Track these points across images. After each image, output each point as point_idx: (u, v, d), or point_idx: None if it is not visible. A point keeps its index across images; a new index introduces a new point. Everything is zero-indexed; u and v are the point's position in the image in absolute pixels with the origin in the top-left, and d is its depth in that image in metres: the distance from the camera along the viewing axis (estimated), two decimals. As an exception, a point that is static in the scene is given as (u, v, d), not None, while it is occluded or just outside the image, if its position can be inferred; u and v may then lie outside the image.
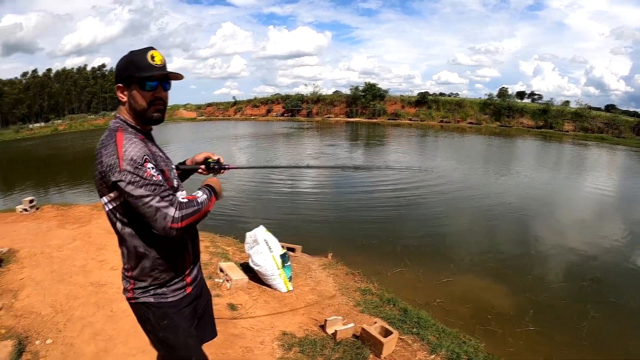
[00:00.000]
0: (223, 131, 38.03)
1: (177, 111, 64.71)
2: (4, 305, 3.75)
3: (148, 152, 1.48)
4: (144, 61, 1.49)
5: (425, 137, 32.01)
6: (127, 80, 1.51)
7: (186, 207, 1.45)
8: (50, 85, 68.62)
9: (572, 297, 5.60)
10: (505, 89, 49.35)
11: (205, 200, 1.55)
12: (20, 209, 7.45)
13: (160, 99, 1.56)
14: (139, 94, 1.52)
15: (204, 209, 1.53)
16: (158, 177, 1.44)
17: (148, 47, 1.53)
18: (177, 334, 1.66)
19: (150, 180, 1.41)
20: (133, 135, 1.50)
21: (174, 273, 1.65)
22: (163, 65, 1.53)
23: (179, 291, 1.67)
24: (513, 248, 7.51)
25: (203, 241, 6.04)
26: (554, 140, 31.53)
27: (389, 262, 6.42)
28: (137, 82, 1.50)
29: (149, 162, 1.44)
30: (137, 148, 1.44)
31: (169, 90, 1.60)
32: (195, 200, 1.51)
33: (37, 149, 31.55)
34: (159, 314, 1.63)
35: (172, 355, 1.70)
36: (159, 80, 1.53)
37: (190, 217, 1.45)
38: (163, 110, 1.59)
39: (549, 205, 10.93)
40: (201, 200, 1.54)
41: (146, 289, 1.62)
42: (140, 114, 1.55)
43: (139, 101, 1.52)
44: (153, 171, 1.43)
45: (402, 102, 52.11)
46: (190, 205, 1.48)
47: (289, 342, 3.44)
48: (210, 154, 1.92)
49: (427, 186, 12.40)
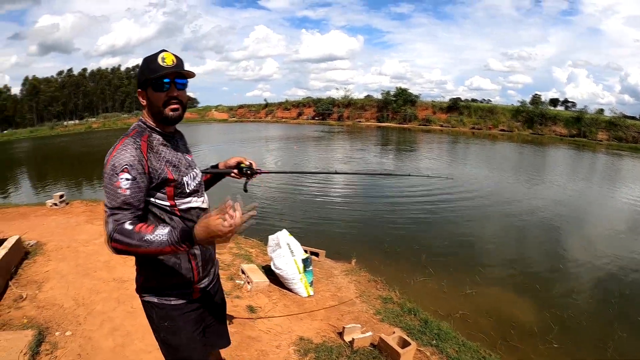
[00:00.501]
0: (254, 133, 38.40)
1: (209, 112, 66.15)
2: (27, 295, 3.84)
3: (134, 161, 1.45)
4: (155, 63, 1.51)
5: (456, 144, 31.44)
6: (144, 84, 1.55)
7: (125, 235, 1.33)
8: (85, 84, 71.20)
9: (598, 314, 5.33)
10: (538, 95, 48.26)
11: (155, 243, 1.30)
12: (51, 204, 7.67)
13: (175, 97, 1.56)
14: (154, 95, 1.55)
15: (145, 249, 1.31)
16: (125, 190, 1.41)
17: (160, 50, 1.56)
18: (179, 336, 1.66)
19: (115, 191, 1.40)
20: (133, 140, 1.50)
21: (178, 277, 1.64)
22: (174, 65, 1.53)
23: (184, 295, 1.66)
24: (541, 261, 7.23)
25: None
26: (587, 150, 30.45)
27: (413, 270, 6.29)
28: (151, 84, 1.53)
29: (127, 173, 1.42)
30: (125, 156, 1.44)
31: (184, 88, 1.59)
32: (140, 235, 1.32)
33: (71, 146, 32.71)
34: (161, 315, 1.64)
35: (173, 357, 1.71)
36: (170, 80, 1.53)
37: (123, 246, 1.33)
38: (179, 108, 1.59)
39: (580, 217, 10.52)
40: (151, 238, 1.31)
41: (151, 289, 1.64)
42: (157, 114, 1.58)
43: (155, 102, 1.55)
44: (124, 183, 1.41)
45: (433, 107, 51.49)
46: (131, 236, 1.32)
47: (305, 347, 3.38)
48: (242, 159, 1.94)
49: (456, 194, 12.14)
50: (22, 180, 17.66)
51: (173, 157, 1.61)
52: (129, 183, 1.41)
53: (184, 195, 1.60)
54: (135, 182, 1.43)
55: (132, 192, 1.42)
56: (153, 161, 1.51)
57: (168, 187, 1.55)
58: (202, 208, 1.69)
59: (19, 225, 6.10)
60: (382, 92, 55.31)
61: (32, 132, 53.05)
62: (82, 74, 72.25)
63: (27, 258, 4.77)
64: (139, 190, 1.44)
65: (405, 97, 51.77)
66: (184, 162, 1.66)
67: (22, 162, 25.58)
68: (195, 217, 1.62)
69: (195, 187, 1.67)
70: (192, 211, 1.64)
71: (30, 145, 37.87)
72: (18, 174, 19.40)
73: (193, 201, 1.65)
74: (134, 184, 1.42)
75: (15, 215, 7.03)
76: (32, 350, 2.89)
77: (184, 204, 1.61)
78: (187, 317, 1.67)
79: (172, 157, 1.61)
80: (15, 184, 16.44)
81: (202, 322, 1.77)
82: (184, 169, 1.64)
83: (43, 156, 28.45)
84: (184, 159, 1.68)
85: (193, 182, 1.67)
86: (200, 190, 1.72)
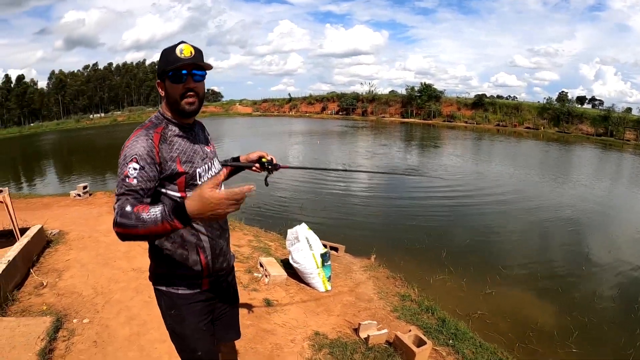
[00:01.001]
0: (277, 127, 38.41)
1: (234, 106, 66.55)
2: (48, 283, 3.92)
3: (144, 152, 1.44)
4: (173, 55, 1.50)
5: (481, 141, 30.82)
6: (162, 76, 1.54)
7: (125, 217, 1.27)
8: (111, 78, 72.48)
9: (621, 319, 5.11)
10: (564, 93, 46.99)
11: (149, 222, 1.24)
12: (74, 194, 7.85)
13: (191, 90, 1.54)
14: (171, 86, 1.54)
15: (142, 229, 1.25)
16: (132, 179, 1.39)
17: (180, 42, 1.54)
18: (184, 326, 1.67)
19: (123, 179, 1.39)
20: (146, 132, 1.50)
21: (186, 269, 1.63)
22: (192, 57, 1.51)
23: (192, 286, 1.66)
24: (563, 263, 7.01)
25: (247, 235, 6.11)
26: (614, 149, 29.48)
27: (432, 268, 6.19)
28: (168, 75, 1.52)
29: (135, 162, 1.41)
30: (136, 146, 1.44)
31: (201, 80, 1.58)
32: (137, 215, 1.26)
33: (96, 138, 33.50)
34: (168, 303, 1.66)
35: (179, 345, 1.73)
36: (188, 71, 1.52)
37: (124, 229, 1.27)
38: (196, 101, 1.58)
39: (606, 219, 10.14)
40: (145, 217, 1.24)
41: (161, 277, 1.66)
42: (174, 106, 1.57)
43: (172, 94, 1.55)
44: (132, 172, 1.40)
45: (458, 103, 50.41)
46: (130, 217, 1.26)
47: (320, 342, 3.35)
48: (264, 153, 1.94)
49: (480, 192, 11.93)
50: (49, 171, 18.15)
51: (188, 148, 1.60)
52: (137, 172, 1.40)
53: (195, 187, 1.57)
54: (143, 172, 1.42)
55: (138, 181, 1.40)
56: (164, 152, 1.50)
57: (179, 178, 1.54)
58: None
59: (43, 215, 6.24)
60: (406, 88, 54.46)
61: (58, 125, 54.38)
62: (107, 68, 73.69)
63: (49, 247, 4.88)
64: (147, 180, 1.42)
65: (429, 93, 50.88)
66: (200, 153, 1.66)
67: (49, 154, 26.32)
68: None
69: (207, 179, 1.64)
70: None
71: (57, 137, 38.89)
72: (44, 166, 19.96)
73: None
74: (141, 173, 1.41)
75: (39, 206, 7.20)
76: (49, 336, 2.93)
77: None
78: (193, 307, 1.67)
79: (187, 148, 1.60)
80: (41, 175, 16.93)
81: (210, 314, 1.76)
82: (198, 161, 1.63)
83: (69, 148, 29.19)
84: (201, 150, 1.67)
85: (207, 174, 1.66)
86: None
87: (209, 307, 1.74)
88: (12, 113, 62.28)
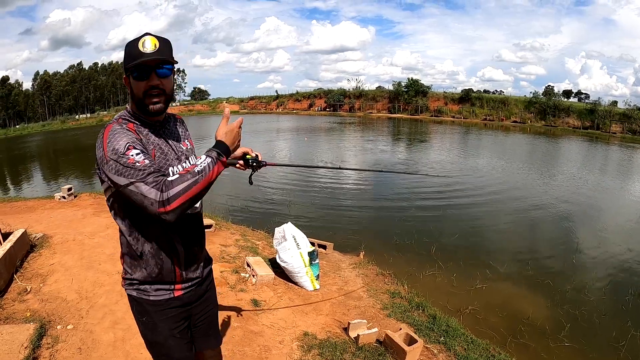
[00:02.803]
0: (265, 124, 38.30)
1: (220, 104, 66.25)
2: (32, 288, 3.82)
3: (133, 139, 1.36)
4: (136, 49, 1.39)
5: (468, 135, 31.10)
6: (127, 70, 1.44)
7: (173, 186, 1.25)
8: (96, 77, 71.39)
9: (612, 312, 5.18)
10: (551, 87, 47.65)
11: (207, 168, 1.29)
12: (59, 197, 7.69)
13: (156, 87, 1.44)
14: (135, 84, 1.44)
15: (203, 180, 1.28)
16: (143, 161, 1.30)
17: (144, 33, 1.43)
18: (156, 333, 1.61)
19: (134, 166, 1.28)
20: (120, 127, 1.40)
21: (158, 273, 1.55)
22: (157, 50, 1.40)
23: (163, 292, 1.58)
24: (553, 256, 7.07)
25: (234, 234, 6.04)
26: (601, 142, 29.88)
27: (422, 263, 6.20)
28: (130, 72, 1.43)
29: (133, 149, 1.32)
30: (120, 137, 1.34)
31: (168, 76, 1.47)
32: (190, 172, 1.28)
33: (82, 139, 32.93)
34: (139, 309, 1.59)
35: (153, 353, 1.67)
36: (151, 67, 1.41)
37: (182, 196, 1.24)
38: (163, 100, 1.48)
39: (594, 211, 10.28)
40: (200, 169, 1.29)
41: (132, 282, 1.59)
42: (138, 104, 1.47)
43: (135, 92, 1.46)
44: (137, 157, 1.30)
45: (445, 98, 51.09)
46: (181, 180, 1.26)
47: (309, 343, 3.31)
48: (248, 150, 1.82)
49: (467, 187, 12.00)
50: (34, 174, 17.83)
51: (162, 144, 1.53)
52: (141, 155, 1.32)
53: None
54: (145, 153, 1.34)
55: (148, 160, 1.32)
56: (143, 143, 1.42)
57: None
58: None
59: (27, 219, 6.11)
60: (393, 83, 55.44)
61: (43, 127, 53.56)
62: (92, 67, 72.59)
63: (33, 251, 4.76)
64: (151, 159, 1.35)
65: (416, 88, 51.44)
66: (174, 151, 1.57)
67: (34, 156, 25.85)
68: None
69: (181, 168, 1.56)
70: None
71: (42, 139, 38.26)
72: (30, 169, 19.60)
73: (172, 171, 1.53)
74: (144, 154, 1.33)
75: (23, 209, 7.05)
76: (33, 343, 2.86)
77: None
78: (165, 314, 1.59)
79: (160, 144, 1.52)
80: (27, 178, 16.62)
81: (185, 320, 1.69)
82: (171, 159, 1.54)
83: (55, 150, 28.73)
84: (175, 148, 1.59)
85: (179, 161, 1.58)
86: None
87: (183, 314, 1.66)
88: (-4, 115, 61.18)
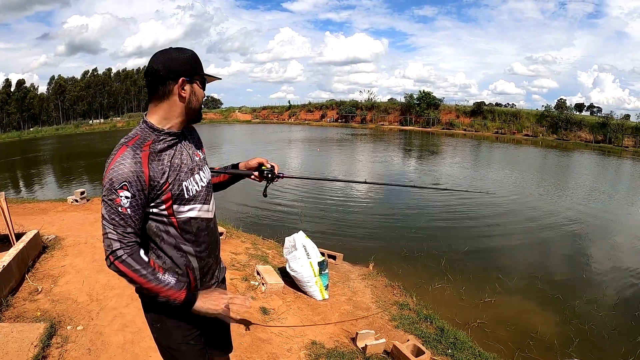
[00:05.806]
0: (277, 135, 38.55)
1: (233, 113, 67.06)
2: (43, 289, 3.88)
3: (134, 176, 1.35)
4: (200, 62, 1.51)
5: (480, 148, 30.96)
6: (192, 77, 1.46)
7: (138, 263, 1.36)
8: (110, 83, 72.48)
9: (621, 328, 5.08)
10: (563, 100, 47.15)
11: (162, 284, 1.39)
12: (72, 200, 7.80)
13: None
14: (200, 91, 1.51)
15: (151, 283, 1.37)
16: (126, 209, 1.34)
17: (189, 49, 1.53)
18: (170, 339, 1.61)
19: (116, 209, 1.33)
20: (133, 152, 1.38)
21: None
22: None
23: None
24: (563, 270, 6.98)
25: (245, 243, 6.07)
26: (613, 156, 29.55)
27: (431, 276, 6.16)
28: (200, 80, 1.50)
29: (126, 190, 1.33)
30: (123, 170, 1.34)
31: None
32: (155, 270, 1.39)
33: (96, 144, 33.41)
34: (154, 316, 1.59)
35: (166, 357, 1.68)
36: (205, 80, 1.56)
37: (131, 271, 1.34)
38: None
39: (606, 226, 10.12)
40: (161, 277, 1.40)
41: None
42: (196, 111, 1.53)
43: (197, 98, 1.50)
44: (124, 201, 1.33)
45: (456, 111, 50.88)
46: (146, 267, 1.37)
47: (317, 352, 3.30)
48: (264, 160, 1.81)
49: (478, 200, 11.89)
50: (47, 177, 18.08)
51: (176, 159, 1.50)
52: (129, 201, 1.34)
53: (183, 201, 1.49)
54: (135, 200, 1.36)
55: (132, 210, 1.35)
56: (153, 172, 1.40)
57: (166, 195, 1.44)
58: (205, 218, 1.59)
59: (39, 220, 6.20)
60: (405, 96, 55.18)
61: (57, 130, 54.43)
62: (106, 73, 73.70)
63: (45, 252, 4.83)
64: (139, 207, 1.37)
65: (428, 101, 51.32)
66: (189, 164, 1.55)
67: (47, 159, 26.26)
68: (195, 229, 1.54)
69: (196, 192, 1.55)
70: (192, 222, 1.53)
71: (56, 142, 38.88)
72: (43, 171, 19.90)
73: (195, 208, 1.54)
74: (133, 202, 1.35)
75: (36, 211, 7.16)
76: (42, 342, 2.89)
77: (182, 214, 1.50)
78: (180, 321, 1.59)
79: (175, 161, 1.49)
80: (40, 180, 16.85)
81: (198, 327, 1.67)
82: (184, 173, 1.52)
83: (68, 154, 29.12)
84: (190, 159, 1.57)
85: (195, 186, 1.55)
86: (203, 195, 1.60)
87: (197, 321, 1.65)
88: (11, 117, 62.37)
